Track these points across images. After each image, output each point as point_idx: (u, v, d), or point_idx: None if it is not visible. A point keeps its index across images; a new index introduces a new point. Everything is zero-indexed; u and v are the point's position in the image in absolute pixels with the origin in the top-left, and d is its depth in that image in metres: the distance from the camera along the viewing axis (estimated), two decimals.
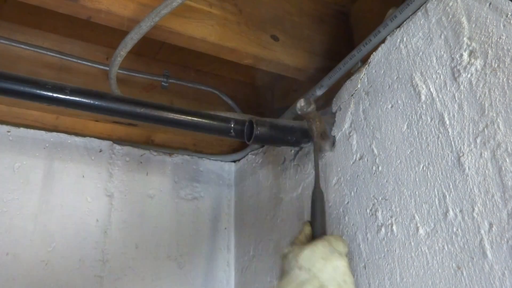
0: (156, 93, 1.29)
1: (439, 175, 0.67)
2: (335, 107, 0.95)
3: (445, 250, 0.64)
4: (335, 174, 0.92)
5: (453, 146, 0.65)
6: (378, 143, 0.81)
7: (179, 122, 0.91)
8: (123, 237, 1.21)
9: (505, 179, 0.57)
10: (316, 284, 0.63)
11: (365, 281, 0.78)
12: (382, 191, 0.78)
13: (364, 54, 0.87)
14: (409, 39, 0.77)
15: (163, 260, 1.25)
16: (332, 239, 0.71)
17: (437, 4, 0.72)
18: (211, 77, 1.39)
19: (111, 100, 0.85)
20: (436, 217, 0.66)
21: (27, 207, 1.11)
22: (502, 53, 0.60)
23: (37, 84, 0.79)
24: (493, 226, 0.57)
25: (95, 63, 1.17)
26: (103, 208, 1.21)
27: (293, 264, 0.66)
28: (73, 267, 1.12)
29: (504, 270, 0.55)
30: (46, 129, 1.20)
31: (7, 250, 1.06)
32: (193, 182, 1.38)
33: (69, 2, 0.80)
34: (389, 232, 0.74)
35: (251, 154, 1.35)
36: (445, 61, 0.69)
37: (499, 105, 0.59)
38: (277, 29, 1.03)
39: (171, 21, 0.88)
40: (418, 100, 0.73)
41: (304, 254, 0.66)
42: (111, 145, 1.28)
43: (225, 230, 1.38)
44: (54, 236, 1.12)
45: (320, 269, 0.65)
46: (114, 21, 0.86)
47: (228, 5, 0.98)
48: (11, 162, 1.13)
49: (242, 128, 0.94)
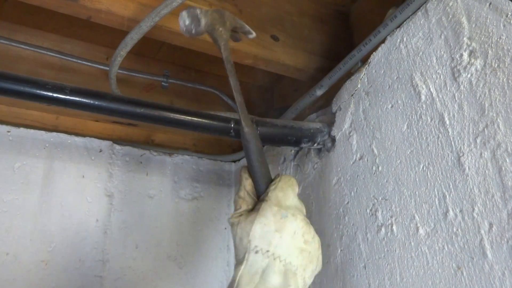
0: (156, 93, 1.29)
1: (439, 175, 0.67)
2: (335, 107, 0.96)
3: (445, 250, 0.64)
4: (335, 174, 0.92)
5: (453, 146, 0.65)
6: (378, 143, 0.81)
7: (179, 122, 0.91)
8: (123, 237, 1.21)
9: (505, 179, 0.57)
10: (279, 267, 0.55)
11: (365, 281, 0.78)
12: (382, 191, 0.78)
13: (364, 54, 0.87)
14: (409, 39, 0.77)
15: (163, 260, 1.25)
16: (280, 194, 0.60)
17: (437, 4, 0.72)
18: (211, 77, 1.39)
19: (111, 100, 0.85)
20: (436, 217, 0.66)
21: (27, 207, 1.11)
22: (502, 53, 0.60)
23: (37, 84, 0.79)
24: (493, 226, 0.57)
25: (95, 63, 1.17)
26: (103, 208, 1.21)
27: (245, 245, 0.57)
28: (73, 267, 1.12)
29: (504, 270, 0.55)
30: (46, 129, 1.20)
31: (7, 250, 1.06)
32: (193, 182, 1.38)
33: (69, 2, 0.80)
34: (389, 232, 0.75)
35: None
36: (445, 61, 0.69)
37: (499, 105, 0.59)
38: (277, 29, 1.03)
39: (171, 21, 0.88)
40: (418, 100, 0.73)
41: (255, 231, 0.56)
42: (111, 145, 1.28)
43: (225, 230, 1.38)
44: (54, 236, 1.12)
45: (277, 245, 0.56)
46: (114, 21, 0.86)
47: (228, 5, 0.98)
48: (11, 162, 1.13)
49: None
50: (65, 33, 1.18)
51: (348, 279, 0.82)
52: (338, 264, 0.86)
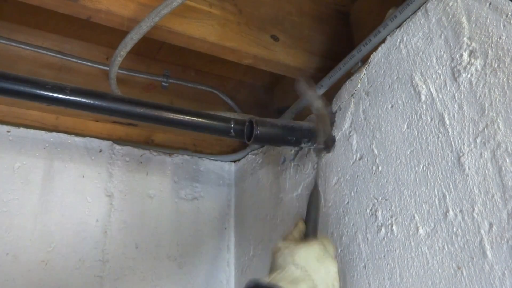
0: (156, 93, 1.29)
1: (439, 175, 0.67)
2: (335, 107, 0.96)
3: (445, 250, 0.64)
4: (335, 174, 0.92)
5: (453, 146, 0.65)
6: (378, 143, 0.81)
7: (179, 122, 0.91)
8: (123, 237, 1.21)
9: (505, 179, 0.57)
10: (309, 284, 0.66)
11: (365, 281, 0.78)
12: (382, 191, 0.78)
13: (364, 54, 0.87)
14: (409, 39, 0.77)
15: (163, 260, 1.25)
16: (326, 242, 0.74)
17: (437, 4, 0.72)
18: (211, 77, 1.39)
19: (111, 100, 0.85)
20: (436, 217, 0.66)
21: (27, 207, 1.11)
22: (502, 53, 0.60)
23: (37, 84, 0.79)
24: (493, 226, 0.57)
25: (95, 63, 1.17)
26: (103, 208, 1.21)
27: (288, 260, 0.68)
28: (73, 267, 1.12)
29: (504, 270, 0.55)
30: (46, 129, 1.20)
31: (7, 250, 1.06)
32: (193, 182, 1.38)
33: (69, 2, 0.80)
34: (389, 232, 0.74)
35: (251, 154, 1.35)
36: (445, 61, 0.69)
37: (499, 105, 0.59)
38: (277, 29, 1.03)
39: (171, 21, 0.88)
40: (418, 100, 0.73)
41: (301, 253, 0.69)
42: (111, 145, 1.28)
43: (225, 230, 1.38)
44: (54, 236, 1.12)
45: (314, 270, 0.67)
46: (114, 21, 0.86)
47: (228, 5, 0.98)
48: (11, 162, 1.13)
49: (242, 128, 0.94)
50: (65, 33, 1.18)
51: (348, 279, 0.82)
52: (338, 264, 0.86)
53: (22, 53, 1.12)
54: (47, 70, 1.16)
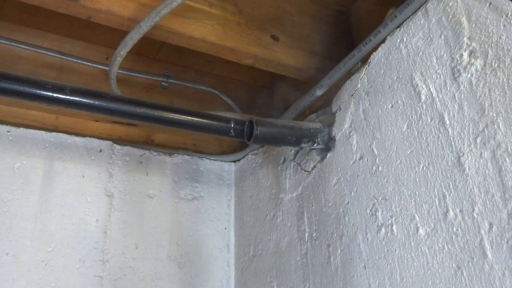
0: (156, 93, 1.29)
1: (439, 175, 0.67)
2: (335, 107, 0.95)
3: (445, 250, 0.64)
4: (335, 174, 0.92)
5: (453, 146, 0.65)
6: (378, 143, 0.81)
7: (179, 122, 0.91)
8: (123, 237, 1.21)
9: (505, 179, 0.57)
10: None
11: (365, 281, 0.78)
12: (382, 191, 0.78)
13: (364, 54, 0.87)
14: (409, 39, 0.77)
15: (163, 260, 1.25)
16: None
17: (437, 4, 0.72)
18: (211, 77, 1.39)
19: (111, 100, 0.85)
20: (436, 217, 0.66)
21: (27, 207, 1.11)
22: (502, 53, 0.60)
23: (37, 84, 0.79)
24: (493, 226, 0.57)
25: (95, 63, 1.17)
26: (103, 208, 1.21)
27: None
28: (73, 267, 1.12)
29: (504, 270, 0.55)
30: (46, 129, 1.20)
31: (7, 250, 1.06)
32: (193, 182, 1.38)
33: (69, 2, 0.80)
34: (389, 232, 0.74)
35: (251, 154, 1.35)
36: (445, 61, 0.69)
37: (499, 105, 0.59)
38: (277, 29, 1.03)
39: (171, 21, 0.88)
40: (418, 100, 0.73)
41: None
42: (111, 145, 1.28)
43: (225, 230, 1.38)
44: (54, 236, 1.12)
45: None
46: (114, 21, 0.86)
47: (228, 5, 0.98)
48: (11, 162, 1.13)
49: (242, 128, 0.94)
50: (65, 33, 1.18)
51: (348, 279, 0.82)
52: (338, 264, 0.86)
53: (22, 53, 1.12)
54: (47, 70, 1.16)
